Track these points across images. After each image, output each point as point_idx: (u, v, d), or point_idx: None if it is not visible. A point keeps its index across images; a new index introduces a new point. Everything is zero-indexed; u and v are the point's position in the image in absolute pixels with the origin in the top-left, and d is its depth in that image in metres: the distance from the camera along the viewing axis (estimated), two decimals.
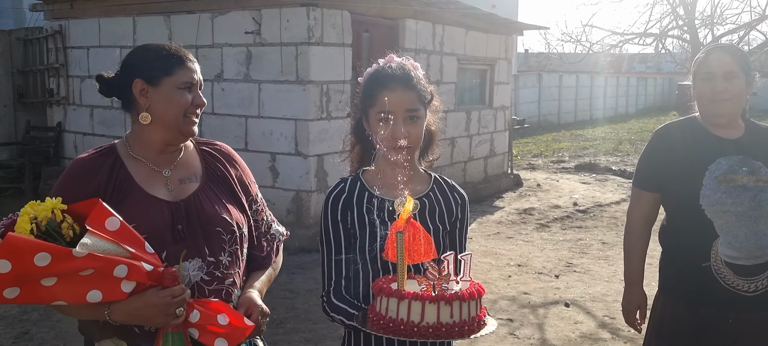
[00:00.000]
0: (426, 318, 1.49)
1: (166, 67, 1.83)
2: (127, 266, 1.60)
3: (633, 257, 2.71)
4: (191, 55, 1.91)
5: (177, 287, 1.68)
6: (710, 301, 2.43)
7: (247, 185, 2.04)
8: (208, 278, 1.82)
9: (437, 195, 1.94)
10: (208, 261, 1.82)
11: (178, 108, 1.83)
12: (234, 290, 1.88)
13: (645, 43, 11.62)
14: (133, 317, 1.67)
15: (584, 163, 14.20)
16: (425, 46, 9.05)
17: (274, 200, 7.57)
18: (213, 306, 1.74)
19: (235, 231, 1.89)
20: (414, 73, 1.87)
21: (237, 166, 2.04)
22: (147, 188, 1.83)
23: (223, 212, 1.89)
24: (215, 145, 2.04)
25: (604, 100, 29.03)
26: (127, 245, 1.62)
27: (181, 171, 1.91)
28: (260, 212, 2.06)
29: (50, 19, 9.33)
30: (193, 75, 1.87)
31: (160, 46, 1.90)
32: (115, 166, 1.83)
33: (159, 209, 1.80)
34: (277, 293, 5.73)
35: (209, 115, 7.95)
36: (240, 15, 7.50)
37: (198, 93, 1.89)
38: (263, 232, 2.05)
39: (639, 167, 2.67)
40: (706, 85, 2.43)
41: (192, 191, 1.88)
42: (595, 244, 7.69)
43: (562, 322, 5.21)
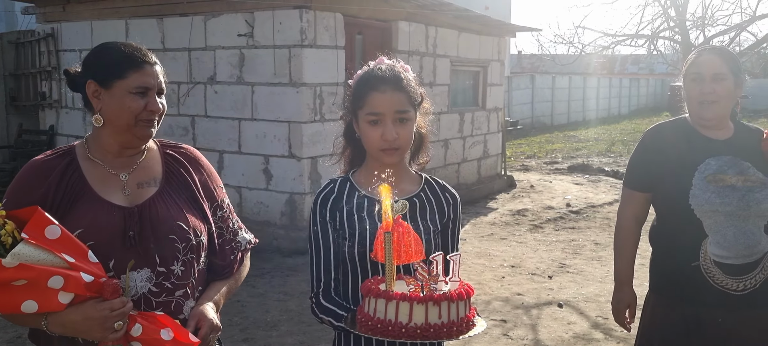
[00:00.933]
0: (414, 319, 1.49)
1: (119, 70, 1.76)
2: (64, 276, 1.54)
3: (623, 257, 2.73)
4: (152, 57, 1.83)
5: (117, 299, 1.61)
6: (700, 300, 2.44)
7: (213, 190, 1.96)
8: (157, 289, 1.75)
9: (428, 195, 1.94)
10: (158, 271, 1.75)
11: (128, 113, 1.76)
12: (186, 301, 1.81)
13: (637, 44, 11.68)
14: (70, 329, 1.61)
15: (577, 165, 14.25)
16: (418, 48, 9.07)
17: (268, 202, 7.57)
18: (157, 320, 1.67)
19: (191, 239, 1.81)
20: (404, 74, 1.88)
21: (202, 170, 1.96)
22: (101, 191, 1.77)
23: (179, 218, 1.81)
24: (180, 148, 1.97)
25: (596, 102, 29.14)
26: (67, 254, 1.57)
27: (139, 175, 1.84)
28: (226, 218, 1.98)
29: (42, 22, 9.31)
30: (149, 79, 1.78)
31: (119, 46, 1.82)
32: (69, 169, 1.77)
33: (110, 214, 1.74)
34: (271, 296, 5.73)
35: (202, 117, 7.95)
36: (233, 17, 7.50)
37: (153, 99, 1.79)
38: (228, 239, 1.97)
39: (629, 167, 2.68)
40: (694, 86, 2.45)
41: (148, 196, 1.81)
42: (588, 245, 7.72)
43: (555, 322, 5.23)
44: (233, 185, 7.83)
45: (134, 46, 1.81)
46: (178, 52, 7.97)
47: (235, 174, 7.80)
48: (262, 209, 7.63)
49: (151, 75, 1.78)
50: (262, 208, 7.63)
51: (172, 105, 8.14)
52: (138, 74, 1.76)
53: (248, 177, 7.70)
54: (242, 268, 2.04)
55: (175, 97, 8.13)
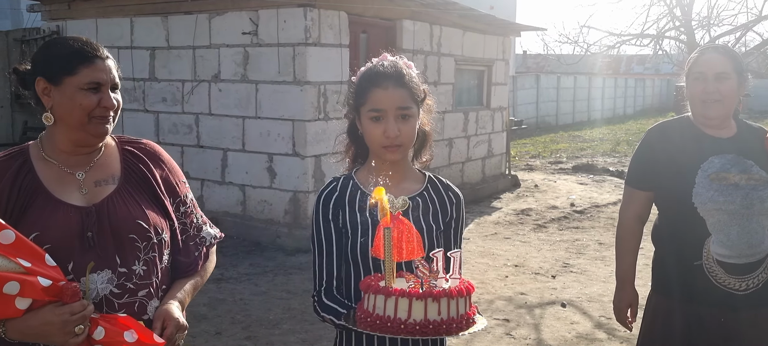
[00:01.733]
0: (413, 315, 1.48)
1: (68, 66, 1.69)
2: (19, 282, 1.50)
3: (625, 256, 2.71)
4: (104, 51, 1.75)
5: (77, 303, 1.57)
6: (702, 299, 2.43)
7: (175, 186, 1.91)
8: (119, 290, 1.70)
9: (431, 194, 1.93)
10: (119, 272, 1.71)
11: (80, 110, 1.69)
12: (150, 301, 1.76)
13: (642, 44, 11.64)
14: (29, 336, 1.57)
15: (582, 164, 14.21)
16: (423, 47, 9.06)
17: (272, 200, 7.57)
18: (120, 322, 1.63)
19: (152, 237, 1.77)
20: (406, 71, 1.86)
21: (163, 165, 1.90)
22: (56, 192, 1.71)
23: (139, 216, 1.76)
24: (139, 143, 1.91)
25: (601, 102, 29.09)
26: (23, 258, 1.53)
27: (97, 173, 1.78)
28: (189, 213, 1.93)
29: (48, 19, 9.33)
30: (101, 74, 1.70)
31: (68, 40, 1.74)
32: (22, 170, 1.72)
33: (66, 215, 1.68)
34: (273, 294, 5.74)
35: (206, 115, 7.96)
36: (237, 16, 7.50)
37: (107, 95, 1.72)
38: (191, 235, 1.92)
39: (632, 166, 2.67)
40: (697, 85, 2.44)
41: (106, 195, 1.76)
42: (591, 244, 7.70)
43: (558, 322, 5.21)
44: (237, 182, 7.83)
45: (84, 41, 1.74)
46: (183, 50, 7.98)
47: (239, 172, 7.80)
48: (266, 207, 7.63)
49: (102, 70, 1.71)
50: (266, 206, 7.63)
51: (177, 103, 8.16)
52: (88, 70, 1.69)
53: (252, 175, 7.71)
54: (208, 263, 1.99)
55: (179, 95, 8.14)
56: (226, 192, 7.95)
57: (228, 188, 7.94)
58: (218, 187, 8.01)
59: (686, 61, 2.58)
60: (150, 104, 8.41)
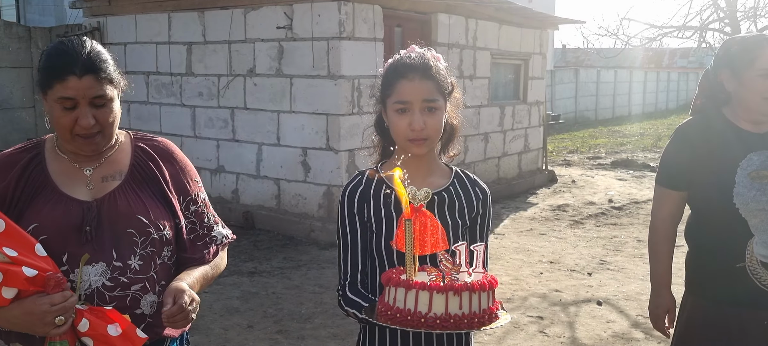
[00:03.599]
0: (434, 309, 1.45)
1: (46, 79, 1.66)
2: (2, 272, 1.52)
3: (660, 259, 2.59)
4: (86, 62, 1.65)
5: (58, 294, 1.57)
6: (744, 302, 2.33)
7: (186, 184, 1.90)
8: (111, 283, 1.70)
9: (458, 189, 1.89)
10: (114, 265, 1.71)
11: (60, 127, 1.68)
12: (145, 295, 1.76)
13: (684, 36, 11.34)
14: (14, 324, 1.59)
15: (621, 160, 13.95)
16: (458, 41, 8.98)
17: (306, 194, 7.60)
18: (106, 315, 1.64)
19: (152, 232, 1.76)
20: (433, 63, 1.82)
21: (175, 163, 1.90)
22: (63, 185, 1.74)
23: (140, 212, 1.76)
24: (153, 141, 1.91)
25: (643, 96, 28.51)
26: (10, 247, 1.55)
27: (105, 169, 1.80)
28: (201, 213, 1.92)
29: (89, 16, 9.51)
30: (71, 92, 1.64)
31: (58, 49, 1.68)
32: (32, 162, 1.75)
33: (67, 208, 1.71)
34: (306, 288, 5.75)
35: (241, 110, 8.02)
36: (272, 10, 7.53)
37: (83, 112, 1.66)
38: (201, 234, 1.91)
39: (663, 165, 2.55)
40: (764, 81, 2.28)
41: (110, 190, 1.77)
42: (630, 242, 7.53)
43: (593, 320, 5.11)
44: (272, 176, 7.88)
45: (67, 51, 1.66)
46: (219, 45, 8.06)
47: (274, 166, 7.85)
48: (300, 201, 7.66)
49: (74, 88, 1.64)
50: (300, 200, 7.66)
51: (212, 97, 8.24)
52: (61, 86, 1.64)
53: (286, 169, 7.74)
54: (219, 260, 1.97)
55: (214, 90, 8.22)
56: (261, 186, 8.01)
57: (263, 181, 7.99)
58: (253, 181, 8.07)
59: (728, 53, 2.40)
60: (187, 99, 8.52)
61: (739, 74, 2.35)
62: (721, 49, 2.48)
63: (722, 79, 2.41)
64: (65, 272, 1.65)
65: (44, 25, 12.10)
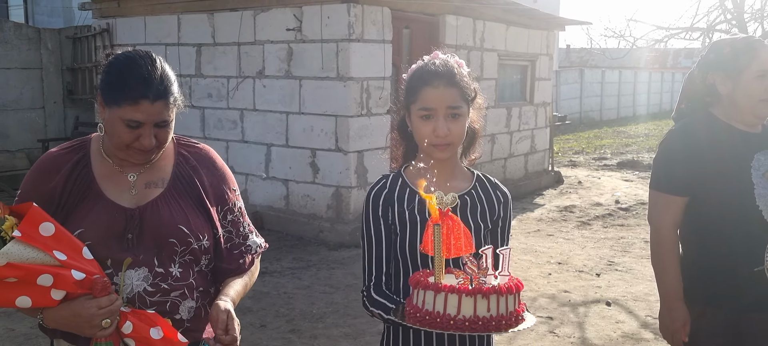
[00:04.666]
0: (462, 311, 1.49)
1: (115, 98, 1.67)
2: (53, 275, 1.57)
3: (668, 271, 2.44)
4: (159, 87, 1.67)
5: (104, 297, 1.61)
6: (762, 306, 2.32)
7: (224, 193, 1.91)
8: (152, 289, 1.74)
9: (480, 193, 1.93)
10: (156, 272, 1.75)
11: (118, 140, 1.71)
12: (183, 302, 1.79)
13: (691, 37, 11.35)
14: (62, 325, 1.64)
15: (627, 161, 13.96)
16: (466, 43, 9.02)
17: (315, 195, 7.65)
18: (148, 318, 1.68)
19: (192, 242, 1.79)
20: (457, 70, 1.86)
21: (215, 172, 1.91)
22: (107, 190, 1.76)
23: (181, 221, 1.78)
24: (195, 147, 1.92)
25: (648, 96, 28.50)
26: (59, 251, 1.59)
27: (149, 175, 1.82)
28: (237, 222, 1.93)
29: (98, 17, 9.58)
30: (141, 115, 1.66)
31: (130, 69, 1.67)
32: (79, 165, 1.77)
33: (112, 214, 1.73)
34: (316, 288, 5.80)
35: (251, 111, 8.07)
36: (281, 12, 7.58)
37: (147, 133, 1.69)
38: (236, 243, 1.93)
39: (663, 170, 2.43)
40: (760, 83, 2.29)
41: (153, 198, 1.79)
42: (637, 242, 7.56)
43: (603, 321, 5.15)
44: (280, 177, 7.93)
45: (142, 73, 1.67)
46: (228, 47, 8.11)
47: (283, 167, 7.90)
48: (309, 202, 7.71)
49: (145, 112, 1.67)
50: (309, 201, 7.71)
51: (222, 99, 8.30)
52: (131, 108, 1.66)
53: (295, 170, 7.79)
54: (254, 269, 1.99)
55: (224, 91, 8.28)
56: (270, 187, 8.06)
57: (272, 182, 8.04)
58: (262, 182, 8.13)
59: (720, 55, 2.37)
60: (196, 100, 8.57)
61: (734, 76, 2.33)
62: (709, 51, 2.44)
63: (714, 82, 2.39)
64: (109, 275, 1.69)
65: (53, 26, 12.17)
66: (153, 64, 1.70)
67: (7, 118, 10.37)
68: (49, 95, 10.74)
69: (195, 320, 1.84)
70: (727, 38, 2.51)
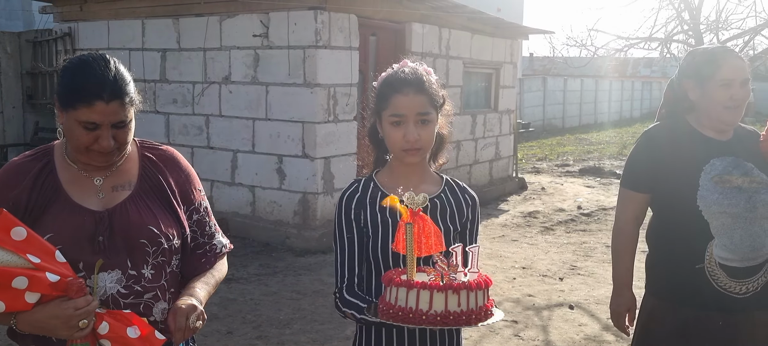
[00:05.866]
0: (434, 306, 1.54)
1: (70, 100, 1.68)
2: (28, 277, 1.57)
3: (622, 259, 2.67)
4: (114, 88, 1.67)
5: (81, 298, 1.62)
6: (700, 303, 2.42)
7: (190, 193, 1.93)
8: (126, 291, 1.75)
9: (449, 196, 1.99)
10: (129, 274, 1.76)
11: (77, 143, 1.72)
12: (156, 303, 1.81)
13: (650, 47, 11.64)
14: (37, 328, 1.64)
15: (589, 167, 14.24)
16: (431, 50, 9.11)
17: (281, 201, 7.63)
18: (125, 318, 1.70)
19: (163, 243, 1.81)
20: (426, 77, 1.93)
21: (180, 172, 1.93)
22: (74, 195, 1.77)
23: (151, 223, 1.80)
24: (158, 149, 1.94)
25: (609, 104, 29.09)
26: (33, 254, 1.60)
27: (115, 178, 1.83)
28: (203, 222, 1.96)
29: (59, 21, 9.42)
30: (96, 116, 1.67)
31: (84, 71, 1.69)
32: (44, 171, 1.78)
33: (81, 219, 1.74)
34: (283, 295, 5.79)
35: (216, 117, 8.03)
36: (248, 18, 7.57)
37: (104, 135, 1.69)
38: (201, 243, 1.95)
39: (628, 168, 2.61)
40: (724, 91, 2.39)
41: (121, 200, 1.81)
42: (599, 247, 7.72)
43: (566, 324, 5.25)
44: (247, 184, 7.90)
45: (95, 74, 1.68)
46: (194, 52, 8.06)
47: (249, 173, 7.87)
48: (276, 209, 7.69)
49: (100, 112, 1.67)
50: (276, 207, 7.69)
51: (187, 104, 8.23)
52: (87, 110, 1.67)
53: (262, 176, 7.76)
54: (221, 265, 2.01)
55: (189, 97, 8.22)
56: (236, 193, 8.02)
57: (238, 189, 8.00)
58: (228, 188, 8.08)
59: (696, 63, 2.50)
60: (161, 105, 8.49)
61: (702, 84, 2.45)
62: (685, 59, 2.58)
63: (686, 89, 2.51)
64: (82, 278, 1.68)
65: (12, 30, 11.92)
66: (107, 65, 1.71)
67: None
68: (7, 100, 10.51)
69: None
70: (702, 47, 2.62)
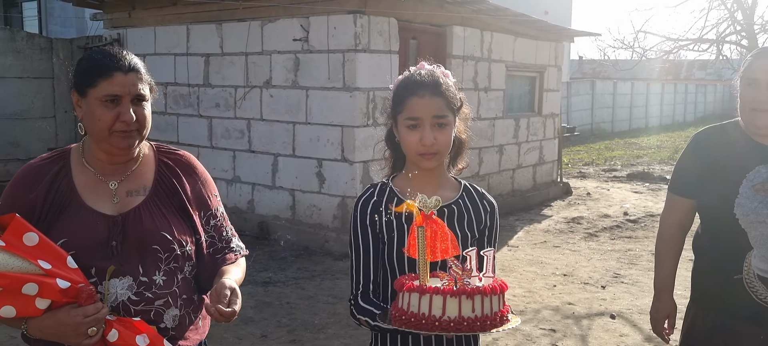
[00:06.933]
0: (447, 312, 1.50)
1: (90, 78, 1.71)
2: (38, 283, 1.57)
3: (664, 264, 2.61)
4: (130, 62, 1.74)
5: (90, 305, 1.61)
6: (741, 315, 2.31)
7: (206, 199, 1.92)
8: (137, 297, 1.74)
9: (467, 202, 1.94)
10: (140, 280, 1.75)
11: (100, 124, 1.72)
12: (167, 310, 1.79)
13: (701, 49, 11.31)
14: (47, 334, 1.63)
15: (637, 172, 13.89)
16: (473, 53, 9.02)
17: (321, 205, 7.65)
18: (134, 326, 1.68)
19: (176, 249, 1.79)
20: (443, 79, 1.88)
21: (196, 178, 1.92)
22: (89, 199, 1.77)
23: (164, 228, 1.79)
24: (176, 154, 1.93)
25: (660, 108, 28.37)
26: (44, 260, 1.59)
27: (130, 183, 1.82)
28: (220, 227, 1.94)
29: (109, 27, 9.67)
30: (117, 87, 1.70)
31: (95, 54, 1.76)
32: (59, 175, 1.78)
33: (94, 223, 1.74)
34: (320, 298, 5.79)
35: (258, 121, 8.11)
36: (288, 23, 7.62)
37: (125, 108, 1.71)
38: (219, 248, 1.93)
39: (675, 172, 2.57)
40: (748, 91, 2.30)
41: (135, 205, 1.80)
42: (644, 255, 7.50)
43: (606, 334, 5.10)
44: (287, 187, 7.95)
45: (111, 54, 1.74)
46: (236, 57, 8.16)
47: (289, 177, 7.92)
48: (315, 212, 7.72)
49: (120, 83, 1.71)
50: (315, 211, 7.72)
51: (229, 108, 8.34)
52: (107, 82, 1.70)
53: (301, 180, 7.80)
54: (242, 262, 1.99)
55: (231, 101, 8.32)
56: (277, 196, 8.08)
57: (278, 192, 8.06)
58: (268, 191, 8.15)
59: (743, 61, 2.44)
60: (204, 109, 8.62)
61: (739, 84, 2.37)
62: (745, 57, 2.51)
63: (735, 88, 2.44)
64: (93, 284, 1.69)
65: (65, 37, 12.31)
66: (118, 49, 1.78)
67: (18, 127, 10.47)
68: (60, 104, 10.83)
69: (179, 328, 1.83)
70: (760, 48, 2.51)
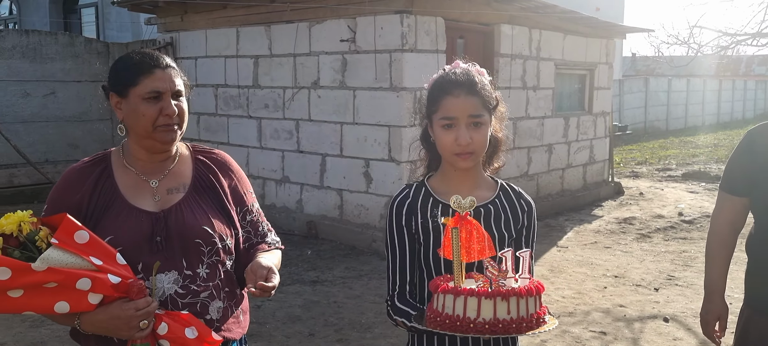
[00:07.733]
0: (482, 314, 1.48)
1: (131, 77, 1.80)
2: (91, 279, 1.63)
3: (715, 265, 2.55)
4: (165, 60, 1.84)
5: (141, 299, 1.68)
6: None
7: (242, 195, 2.00)
8: (183, 291, 1.81)
9: (503, 202, 1.92)
10: (185, 274, 1.81)
11: (144, 120, 1.80)
12: (212, 302, 1.86)
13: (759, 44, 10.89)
14: (99, 328, 1.69)
15: (693, 172, 13.49)
16: (521, 52, 8.92)
17: (368, 205, 7.69)
18: (182, 319, 1.74)
19: (217, 243, 1.86)
20: (478, 78, 1.86)
21: (232, 175, 2.00)
22: (131, 198, 1.84)
23: (205, 223, 1.86)
24: (211, 153, 2.02)
25: (718, 105, 27.50)
26: (95, 257, 1.65)
27: (170, 181, 1.90)
28: (256, 222, 2.02)
29: (163, 31, 9.93)
30: (158, 83, 1.80)
31: (133, 54, 1.85)
32: (102, 176, 1.86)
33: (138, 220, 1.81)
34: (367, 298, 5.82)
35: (306, 121, 8.20)
36: (336, 23, 7.68)
37: (167, 102, 1.81)
38: (255, 242, 2.00)
39: (728, 170, 2.50)
40: None
41: (176, 202, 1.87)
42: (700, 256, 7.28)
43: (659, 338, 4.97)
44: (335, 187, 8.01)
45: (147, 53, 1.84)
46: (284, 58, 8.27)
47: (337, 176, 7.98)
48: (362, 212, 7.76)
49: (161, 79, 1.81)
50: (362, 210, 7.76)
51: (278, 109, 8.46)
52: (148, 79, 1.79)
53: (349, 180, 7.85)
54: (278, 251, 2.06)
55: (280, 102, 8.44)
56: (325, 196, 8.15)
57: (326, 192, 8.13)
58: (317, 191, 8.23)
59: None
60: (253, 110, 8.77)
61: None
62: None
63: None
64: (140, 279, 1.75)
65: (121, 41, 12.68)
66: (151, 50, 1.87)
67: (77, 128, 10.85)
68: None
69: (223, 319, 1.90)
70: None
